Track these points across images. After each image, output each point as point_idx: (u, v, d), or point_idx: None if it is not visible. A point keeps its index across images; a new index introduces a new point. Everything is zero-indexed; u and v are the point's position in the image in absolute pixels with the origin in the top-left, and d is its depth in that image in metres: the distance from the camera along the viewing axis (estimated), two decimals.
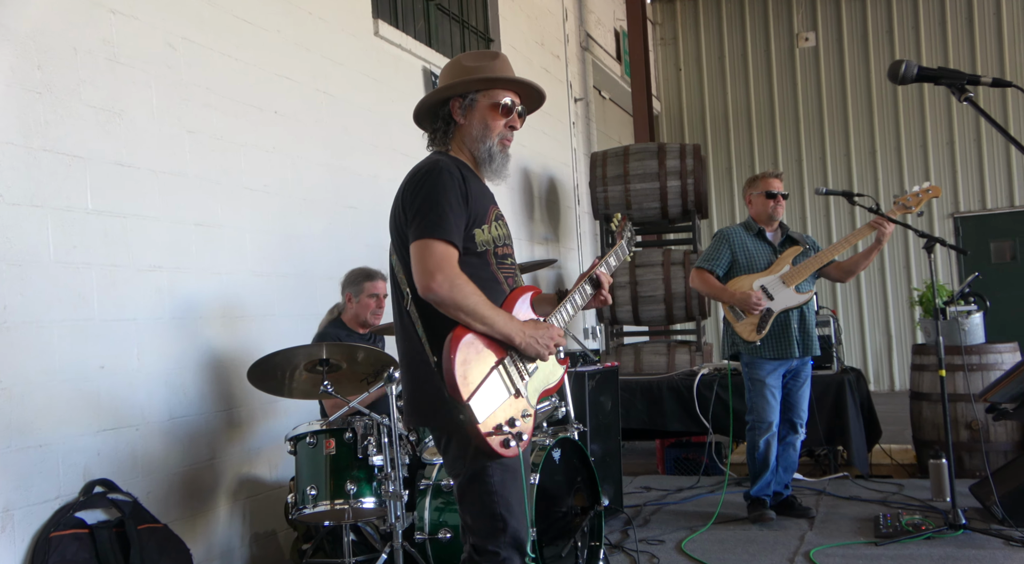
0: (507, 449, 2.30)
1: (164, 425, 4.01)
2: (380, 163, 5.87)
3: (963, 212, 11.03)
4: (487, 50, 2.58)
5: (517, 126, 2.59)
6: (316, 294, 5.02)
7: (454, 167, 2.47)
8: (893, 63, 2.05)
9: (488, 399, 2.30)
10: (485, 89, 2.54)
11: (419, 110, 2.67)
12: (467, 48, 7.70)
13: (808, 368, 4.74)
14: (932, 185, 4.47)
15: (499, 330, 2.35)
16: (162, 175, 4.13)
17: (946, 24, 11.15)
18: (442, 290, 2.31)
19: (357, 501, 3.48)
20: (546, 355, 2.41)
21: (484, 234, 2.47)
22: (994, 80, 1.97)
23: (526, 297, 2.54)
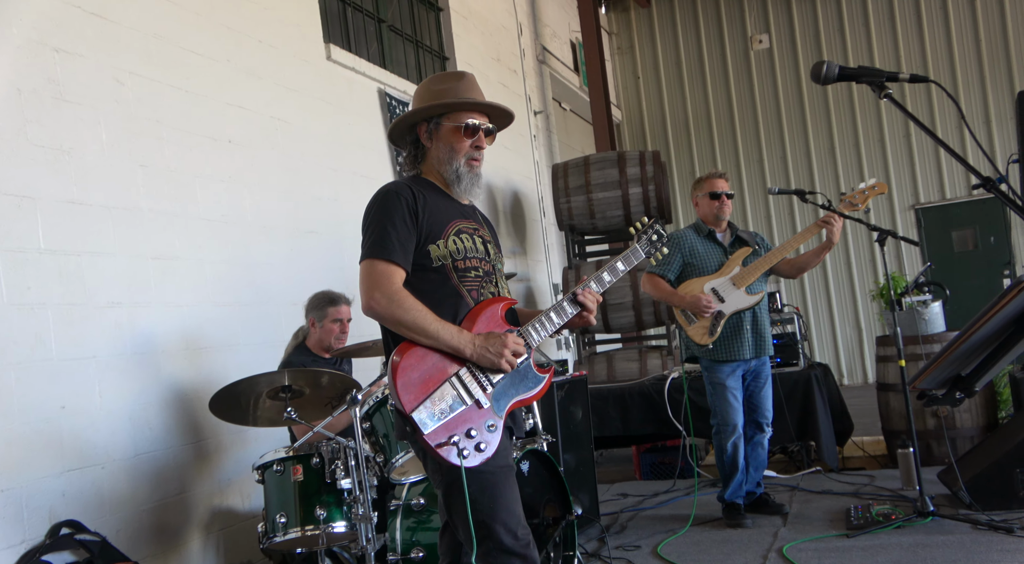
0: (466, 459, 2.31)
1: (130, 462, 3.99)
2: (340, 186, 5.88)
3: (924, 203, 11.19)
4: (453, 72, 2.65)
5: (483, 146, 2.62)
6: (281, 321, 5.01)
7: (405, 188, 2.52)
8: (815, 64, 2.10)
9: (436, 410, 2.33)
10: (449, 112, 2.58)
11: (392, 134, 2.73)
12: (422, 67, 7.74)
13: (767, 367, 4.77)
14: (878, 182, 4.53)
15: (446, 343, 2.38)
16: (116, 210, 4.12)
17: (895, 22, 11.33)
18: (380, 306, 2.38)
19: (328, 526, 3.46)
20: (501, 364, 2.41)
21: (439, 249, 2.50)
22: (912, 76, 2.02)
23: (495, 309, 2.53)
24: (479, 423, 2.38)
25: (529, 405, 3.74)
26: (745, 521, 4.62)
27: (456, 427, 2.34)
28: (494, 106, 2.64)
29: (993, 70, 10.95)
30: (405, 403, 2.30)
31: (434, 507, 3.53)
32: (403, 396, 2.30)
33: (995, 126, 10.89)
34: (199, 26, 4.84)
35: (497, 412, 2.43)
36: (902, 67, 11.25)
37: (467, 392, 2.40)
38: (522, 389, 2.51)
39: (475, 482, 2.36)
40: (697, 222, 4.88)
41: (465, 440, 2.33)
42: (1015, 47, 10.88)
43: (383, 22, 7.14)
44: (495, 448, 2.39)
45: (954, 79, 11.04)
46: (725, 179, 4.83)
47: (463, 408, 2.37)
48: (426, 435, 2.29)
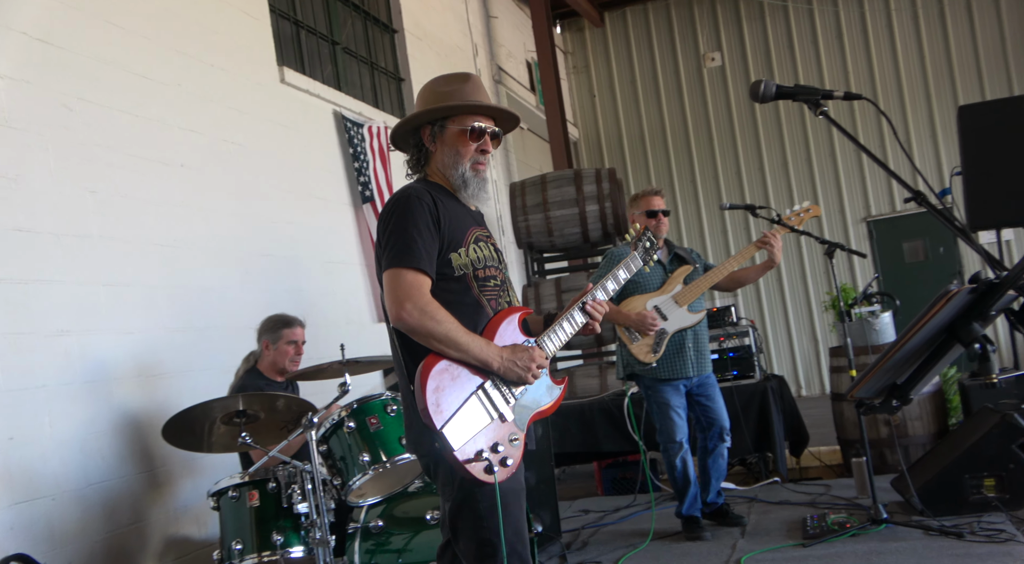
0: (489, 475, 2.26)
1: (82, 492, 3.91)
2: (295, 208, 5.86)
3: (875, 216, 11.40)
4: (459, 73, 2.54)
5: (489, 150, 2.55)
6: (235, 346, 4.95)
7: (425, 193, 2.45)
8: (753, 84, 2.14)
9: (466, 425, 2.27)
10: (454, 115, 2.52)
11: (394, 137, 2.65)
12: (378, 89, 7.75)
13: (712, 378, 4.81)
14: (812, 205, 4.64)
15: (475, 356, 2.32)
16: (65, 238, 4.07)
17: (843, 40, 11.58)
18: (412, 319, 2.29)
19: (285, 551, 3.43)
20: (528, 378, 2.37)
21: (461, 258, 2.44)
22: (846, 93, 2.06)
23: (512, 319, 2.48)
24: (504, 437, 2.33)
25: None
26: (704, 534, 4.65)
27: (483, 442, 2.29)
28: (500, 109, 2.60)
29: (938, 85, 11.23)
30: (435, 418, 2.23)
31: (393, 528, 3.51)
32: (432, 412, 2.23)
33: (941, 139, 11.14)
34: (148, 51, 4.81)
35: (519, 426, 2.38)
36: (850, 83, 11.50)
37: (493, 406, 2.34)
38: (541, 401, 2.47)
39: (487, 499, 2.32)
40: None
41: (492, 455, 2.28)
42: (957, 63, 11.16)
43: (337, 44, 7.14)
44: (518, 462, 2.36)
45: (900, 94, 11.30)
46: (661, 196, 4.84)
47: (488, 422, 2.32)
48: (456, 451, 2.23)
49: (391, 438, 3.49)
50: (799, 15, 11.77)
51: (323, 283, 6.00)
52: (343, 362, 3.65)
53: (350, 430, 3.50)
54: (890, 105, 11.26)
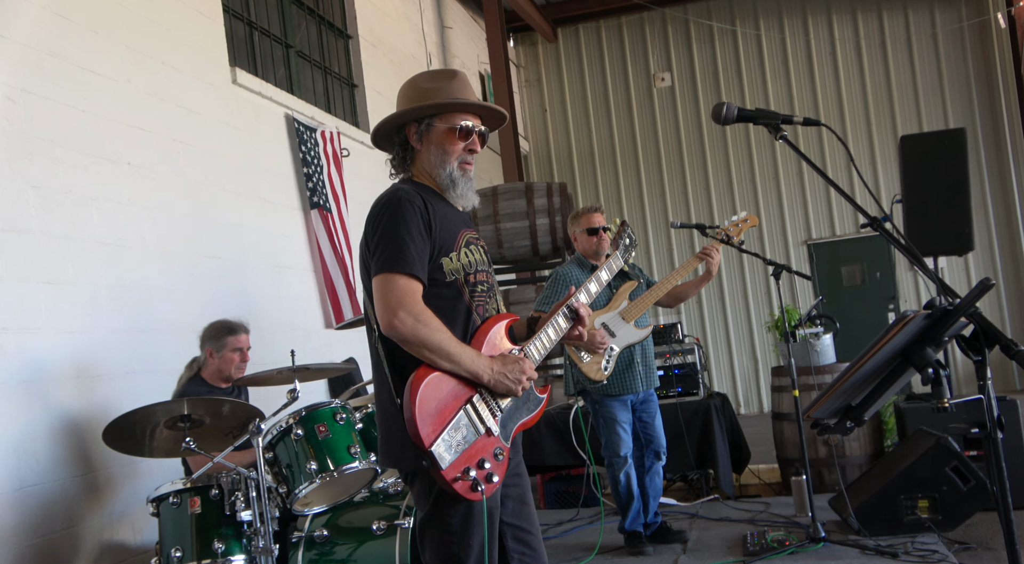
0: (473, 493, 2.20)
1: (14, 496, 3.79)
2: (244, 211, 5.78)
3: (815, 239, 11.66)
4: (445, 69, 2.59)
5: (477, 149, 2.47)
6: (179, 349, 4.85)
7: (416, 195, 2.35)
8: (715, 106, 2.19)
9: (454, 442, 2.19)
10: (441, 113, 2.43)
11: (376, 136, 2.55)
12: (330, 94, 7.70)
13: (654, 397, 4.88)
14: (749, 215, 4.71)
15: (465, 368, 2.24)
16: (4, 233, 3.96)
17: (788, 66, 11.86)
18: (405, 327, 2.20)
19: (226, 560, 3.37)
20: (517, 391, 2.30)
21: (453, 262, 2.36)
22: (805, 119, 2.12)
23: (499, 327, 2.41)
24: (489, 452, 2.26)
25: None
26: (647, 549, 4.69)
27: (470, 459, 2.21)
28: (489, 107, 2.51)
29: (878, 114, 11.56)
30: (424, 436, 2.14)
31: (338, 539, 3.47)
32: (422, 429, 2.14)
33: (880, 168, 11.47)
34: (98, 45, 4.72)
35: (504, 439, 2.31)
36: (795, 108, 11.78)
37: (480, 420, 2.27)
38: (525, 412, 2.40)
39: (459, 515, 2.26)
40: (579, 256, 4.91)
41: (478, 471, 2.21)
42: (897, 93, 11.51)
43: (291, 47, 7.08)
44: (503, 477, 2.29)
45: (843, 122, 11.60)
46: (601, 213, 4.88)
47: (476, 438, 2.24)
48: (443, 470, 2.16)
49: (340, 447, 3.46)
50: (747, 40, 12.02)
51: (271, 287, 5.93)
52: (293, 368, 3.61)
53: (298, 437, 3.46)
54: (832, 137, 11.55)
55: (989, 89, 11.29)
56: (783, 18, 11.95)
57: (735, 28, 12.04)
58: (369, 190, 7.58)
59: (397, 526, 3.36)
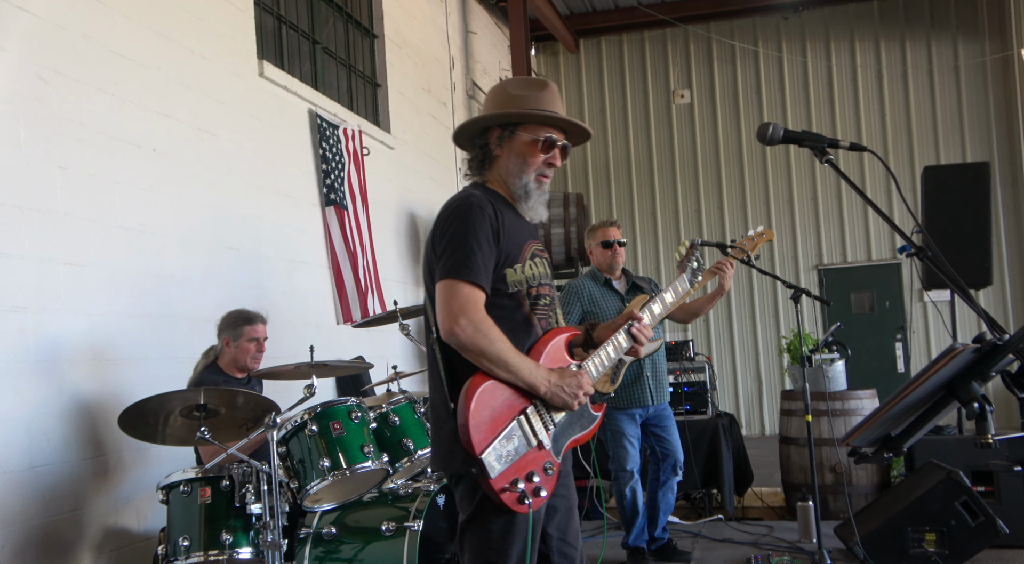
0: (520, 505, 2.18)
1: (23, 475, 3.79)
2: (263, 204, 5.79)
3: (826, 264, 11.66)
4: (536, 78, 2.60)
5: (557, 164, 2.47)
6: (193, 337, 4.88)
7: (487, 203, 2.35)
8: (761, 125, 2.19)
9: (505, 452, 2.18)
10: (527, 123, 2.43)
11: (458, 136, 2.55)
12: (354, 92, 7.72)
13: (668, 410, 4.86)
14: (766, 229, 4.70)
15: (523, 379, 2.23)
16: (29, 212, 3.96)
17: (808, 88, 11.88)
18: (465, 335, 2.20)
19: (233, 551, 3.36)
20: (573, 405, 2.29)
21: (516, 274, 2.35)
22: (851, 144, 2.13)
23: (559, 340, 2.41)
24: (539, 465, 2.24)
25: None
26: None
27: (519, 470, 2.20)
28: (575, 124, 2.49)
29: (896, 144, 11.57)
30: (475, 443, 2.13)
31: (346, 538, 3.47)
32: (474, 436, 2.14)
33: (895, 196, 11.45)
34: (130, 30, 4.73)
35: (555, 454, 2.29)
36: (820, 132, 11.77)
37: (532, 432, 2.25)
38: (578, 428, 2.37)
39: (499, 522, 2.24)
40: (593, 270, 4.93)
41: (526, 484, 2.19)
42: (916, 124, 11.52)
43: (317, 43, 7.10)
44: (551, 492, 2.27)
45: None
46: (617, 227, 4.92)
47: (527, 450, 2.23)
48: (492, 480, 2.14)
49: (353, 445, 3.46)
50: (768, 61, 12.04)
51: (285, 281, 5.93)
52: (311, 364, 3.61)
53: (312, 433, 3.46)
54: (849, 159, 11.57)
55: (1009, 124, 11.29)
56: (806, 42, 11.96)
57: (757, 49, 12.06)
58: (388, 190, 7.62)
59: (407, 528, 3.36)
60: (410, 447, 3.74)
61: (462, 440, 2.14)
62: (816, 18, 11.90)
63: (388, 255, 7.47)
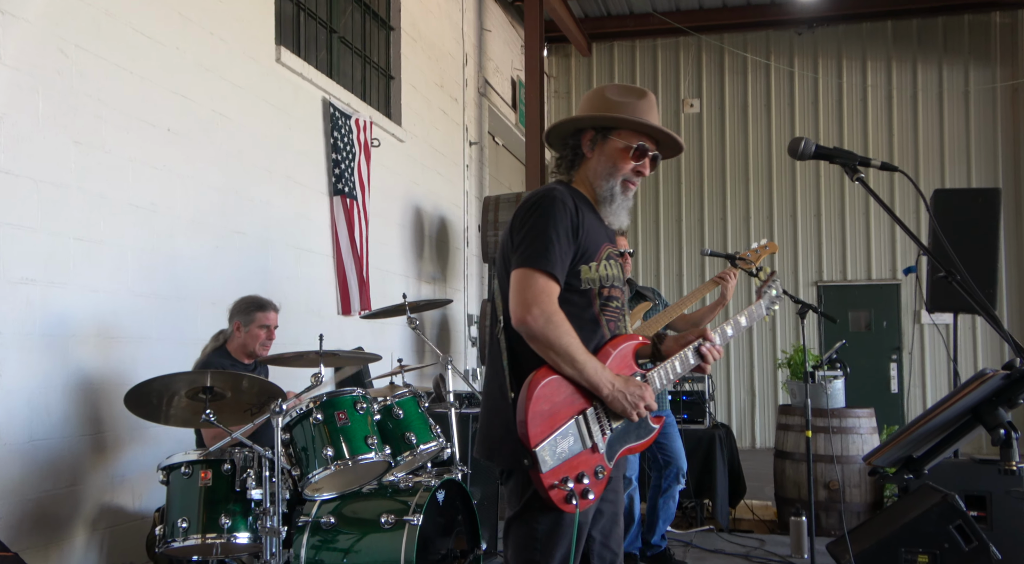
0: (567, 505, 2.16)
1: (23, 447, 3.79)
2: (273, 190, 5.78)
3: (826, 281, 11.69)
4: (635, 86, 2.55)
5: (645, 173, 2.47)
6: (197, 319, 4.87)
7: (569, 197, 2.36)
8: (793, 140, 2.20)
9: (559, 449, 2.17)
10: (621, 128, 2.44)
11: (550, 133, 2.56)
12: (367, 82, 7.71)
13: (671, 416, 4.89)
14: (769, 242, 4.71)
15: (588, 377, 2.22)
16: (43, 185, 3.96)
17: (818, 104, 11.91)
18: (536, 324, 2.19)
19: (231, 536, 3.35)
20: (632, 414, 2.27)
21: (591, 272, 2.35)
22: (883, 164, 2.14)
23: (627, 346, 2.39)
24: (591, 468, 2.23)
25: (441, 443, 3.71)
26: None
27: (570, 470, 2.18)
28: (668, 134, 2.50)
29: (902, 165, 11.58)
30: (532, 435, 2.13)
31: (344, 528, 3.46)
32: (531, 428, 2.13)
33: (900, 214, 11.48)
34: (152, 9, 4.72)
35: (608, 459, 2.28)
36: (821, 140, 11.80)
37: (588, 434, 2.24)
38: (634, 438, 2.36)
39: (546, 523, 2.23)
40: None
41: (576, 485, 2.18)
42: (923, 146, 11.55)
43: (335, 32, 7.10)
44: (599, 496, 2.26)
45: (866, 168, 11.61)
46: (625, 236, 4.94)
47: (580, 450, 2.22)
48: (543, 474, 2.13)
49: (357, 436, 3.46)
50: (780, 75, 12.07)
51: (291, 268, 5.93)
52: (320, 353, 3.61)
53: (316, 422, 3.46)
54: (855, 188, 11.59)
55: (1015, 152, 11.34)
56: (818, 58, 11.99)
57: (769, 62, 12.08)
58: (395, 182, 7.62)
59: (406, 522, 3.35)
60: (412, 441, 3.73)
61: (518, 431, 2.14)
62: (829, 35, 11.94)
63: (392, 248, 7.47)
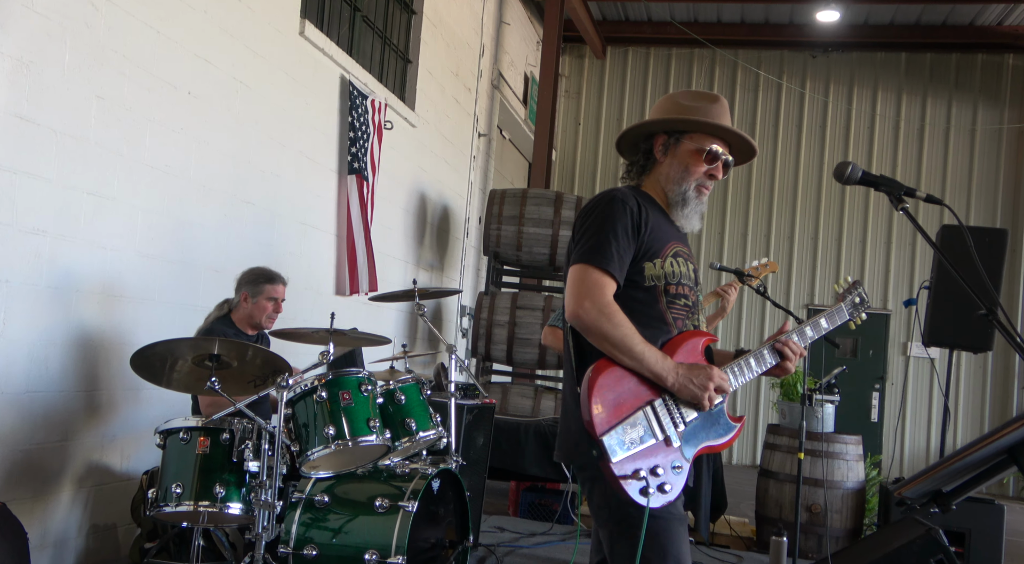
0: (645, 497, 2.10)
1: (19, 398, 3.77)
2: (285, 163, 5.76)
3: (816, 305, 11.76)
4: (708, 92, 2.53)
5: (718, 176, 2.45)
6: (200, 285, 4.85)
7: (631, 197, 2.36)
8: (840, 164, 2.22)
9: (627, 438, 2.12)
10: (694, 131, 2.43)
11: (622, 139, 2.55)
12: (385, 64, 7.69)
13: None
14: (770, 261, 4.76)
15: (648, 367, 2.18)
16: (63, 136, 3.93)
17: (825, 128, 11.97)
18: (588, 317, 2.19)
19: (224, 505, 3.34)
20: (703, 399, 2.21)
21: (655, 268, 2.33)
22: (928, 196, 2.16)
23: (696, 342, 2.34)
24: (666, 462, 2.16)
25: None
26: None
27: (642, 461, 2.13)
28: (742, 138, 2.47)
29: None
30: (597, 424, 2.09)
31: (337, 508, 3.46)
32: (596, 417, 2.10)
33: (894, 249, 11.59)
34: None
35: (685, 454, 2.21)
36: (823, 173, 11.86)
37: (659, 425, 2.19)
38: (713, 435, 2.28)
39: (648, 526, 2.15)
40: None
41: (651, 477, 2.12)
42: (925, 181, 11.63)
43: (358, 11, 7.07)
44: (678, 493, 2.19)
45: (867, 197, 11.69)
46: None
47: (652, 442, 2.16)
48: (612, 463, 2.09)
49: (360, 417, 3.45)
50: (791, 96, 12.11)
51: (295, 244, 5.91)
52: (330, 331, 3.60)
53: (320, 399, 3.45)
54: (855, 208, 11.67)
55: (1016, 194, 11.44)
56: (830, 82, 12.05)
57: (781, 82, 12.13)
58: (403, 167, 7.60)
59: (400, 508, 3.35)
60: (412, 427, 3.74)
61: (584, 421, 2.11)
62: (843, 61, 12.00)
63: (394, 232, 7.45)
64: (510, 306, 7.76)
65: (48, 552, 3.99)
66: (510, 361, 8.02)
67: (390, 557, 3.25)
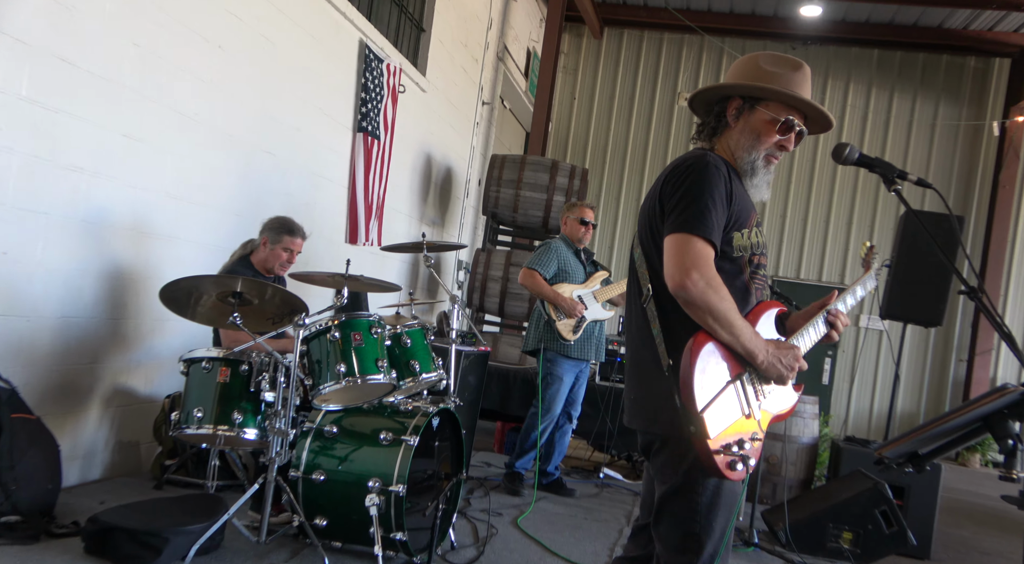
0: (733, 471, 1.97)
1: (55, 322, 3.71)
2: (304, 119, 5.65)
3: (780, 277, 11.77)
4: (789, 57, 2.24)
5: (789, 148, 2.21)
6: (221, 228, 4.78)
7: (723, 164, 2.14)
8: (839, 145, 2.17)
9: (721, 415, 1.97)
10: (772, 99, 2.19)
11: (695, 98, 2.30)
12: (400, 30, 7.53)
13: (588, 370, 5.24)
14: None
15: (743, 344, 2.00)
16: (100, 80, 3.82)
17: None
18: (696, 289, 1.96)
19: (241, 430, 3.32)
20: (787, 378, 2.08)
21: (743, 239, 2.13)
22: (918, 179, 2.12)
23: (771, 313, 2.20)
24: (748, 434, 2.02)
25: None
26: (523, 490, 5.00)
27: (732, 436, 1.98)
28: (820, 110, 2.22)
29: (866, 183, 11.64)
30: (699, 401, 1.92)
31: (344, 438, 3.43)
32: (698, 394, 1.92)
33: (854, 230, 11.59)
34: None
35: (761, 425, 2.08)
36: (793, 158, 11.81)
37: (746, 400, 2.04)
38: (778, 405, 2.15)
39: (708, 493, 2.04)
40: (564, 238, 5.24)
41: (739, 450, 1.99)
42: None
43: None
44: (753, 463, 2.04)
45: (832, 182, 11.66)
46: (594, 210, 5.24)
47: (739, 417, 2.01)
48: (711, 440, 1.93)
49: (369, 357, 3.42)
50: None
51: (309, 194, 5.82)
52: (345, 276, 3.55)
53: (333, 339, 3.41)
54: (820, 192, 11.64)
55: (967, 188, 11.44)
56: None
57: None
58: (413, 129, 7.48)
59: (403, 441, 3.33)
60: (415, 369, 3.72)
61: (682, 397, 1.93)
62: (821, 54, 11.86)
63: (401, 188, 7.36)
64: (504, 263, 7.71)
65: (77, 463, 3.97)
66: (501, 313, 8.00)
67: (391, 485, 3.24)
